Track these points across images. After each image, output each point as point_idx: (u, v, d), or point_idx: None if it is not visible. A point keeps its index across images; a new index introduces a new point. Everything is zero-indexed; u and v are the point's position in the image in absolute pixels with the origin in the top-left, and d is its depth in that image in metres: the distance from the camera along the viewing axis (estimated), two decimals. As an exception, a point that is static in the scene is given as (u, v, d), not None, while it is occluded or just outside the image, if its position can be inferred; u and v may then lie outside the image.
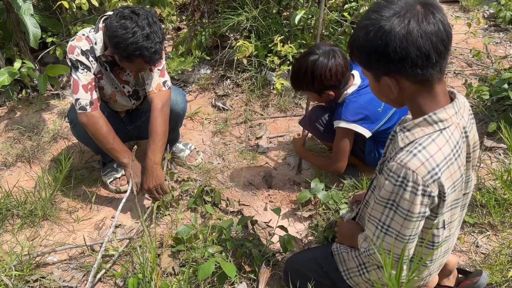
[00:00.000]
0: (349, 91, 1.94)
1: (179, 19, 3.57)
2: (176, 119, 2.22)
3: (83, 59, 1.88)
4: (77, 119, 1.95)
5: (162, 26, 1.82)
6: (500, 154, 2.35)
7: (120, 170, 2.27)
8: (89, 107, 1.90)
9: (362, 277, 1.35)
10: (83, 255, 1.89)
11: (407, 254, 1.14)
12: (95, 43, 1.88)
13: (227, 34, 3.21)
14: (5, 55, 2.93)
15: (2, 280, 1.64)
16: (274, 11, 3.12)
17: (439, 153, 1.02)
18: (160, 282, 1.57)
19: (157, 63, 1.91)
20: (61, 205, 2.16)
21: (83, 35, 1.89)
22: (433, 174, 1.01)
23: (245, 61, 2.88)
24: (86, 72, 1.89)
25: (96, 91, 1.93)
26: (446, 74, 3.08)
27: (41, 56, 2.99)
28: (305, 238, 1.95)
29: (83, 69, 1.89)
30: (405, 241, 1.09)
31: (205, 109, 2.92)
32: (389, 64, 1.01)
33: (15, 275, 1.69)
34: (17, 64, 2.63)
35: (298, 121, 2.37)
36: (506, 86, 2.48)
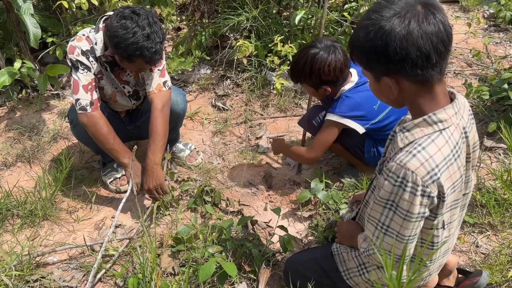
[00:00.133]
0: (345, 87, 1.95)
1: (179, 19, 3.57)
2: (176, 119, 2.22)
3: (83, 59, 1.87)
4: (77, 120, 1.94)
5: (162, 26, 1.82)
6: (500, 154, 2.35)
7: (120, 170, 2.27)
8: (89, 107, 1.90)
9: (362, 277, 1.36)
10: (83, 255, 1.89)
11: (407, 254, 1.14)
12: (95, 44, 1.88)
13: (227, 34, 3.21)
14: (5, 55, 2.93)
15: (2, 280, 1.64)
16: (274, 11, 3.12)
17: (438, 153, 1.02)
18: (160, 282, 1.57)
19: (158, 63, 1.91)
20: (61, 205, 2.16)
21: (83, 35, 1.89)
22: (432, 175, 1.01)
23: (245, 61, 2.88)
24: (87, 72, 1.89)
25: (96, 91, 1.93)
26: (446, 74, 3.08)
27: (41, 56, 2.99)
28: (305, 238, 1.95)
29: (83, 70, 1.88)
30: (404, 242, 1.09)
31: (205, 109, 2.92)
32: (389, 64, 1.00)
33: (15, 275, 1.69)
34: (17, 64, 2.63)
35: (297, 121, 2.37)
36: (506, 86, 2.48)
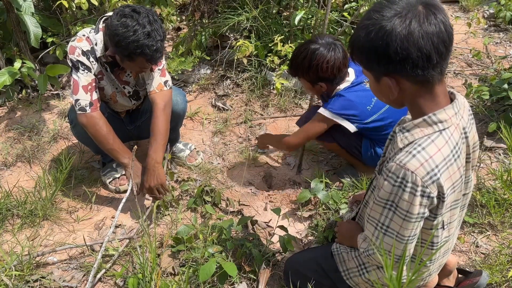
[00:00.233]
0: (341, 86, 1.95)
1: (179, 19, 3.57)
2: (176, 119, 2.22)
3: (83, 59, 1.87)
4: (77, 120, 1.95)
5: (162, 24, 1.82)
6: (500, 154, 2.35)
7: (119, 170, 2.27)
8: (89, 108, 1.90)
9: (362, 277, 1.36)
10: (83, 255, 1.89)
11: (407, 254, 1.14)
12: (96, 44, 1.88)
13: (227, 34, 3.21)
14: (5, 55, 2.93)
15: (2, 280, 1.64)
16: (274, 11, 3.12)
17: (438, 154, 1.02)
18: (160, 282, 1.57)
19: (159, 61, 1.91)
20: (61, 205, 2.16)
21: (84, 35, 1.89)
22: (432, 175, 1.01)
23: (245, 61, 2.88)
24: (87, 73, 1.89)
25: (96, 92, 1.93)
26: (446, 74, 3.08)
27: (41, 56, 2.99)
28: (305, 238, 1.95)
29: (83, 70, 1.88)
30: (404, 242, 1.09)
31: (205, 109, 2.92)
32: (390, 64, 1.00)
33: (15, 275, 1.69)
34: (17, 64, 2.62)
35: (296, 121, 2.37)
36: (506, 86, 2.48)
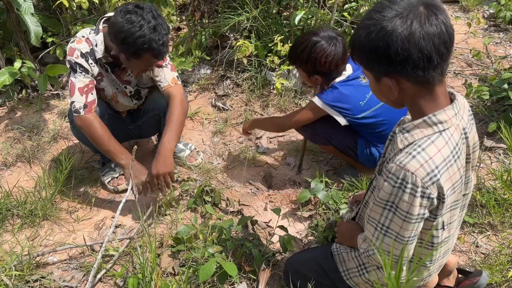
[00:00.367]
0: (337, 80, 1.97)
1: (179, 19, 3.57)
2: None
3: (82, 61, 1.87)
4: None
5: (165, 19, 1.83)
6: (500, 154, 2.35)
7: (118, 169, 2.27)
8: (83, 110, 1.89)
9: (362, 277, 1.36)
10: (83, 255, 1.89)
11: (407, 255, 1.14)
12: (96, 45, 1.87)
13: (227, 34, 3.21)
14: (5, 55, 2.93)
15: (2, 280, 1.64)
16: (274, 11, 3.12)
17: (438, 155, 1.02)
18: (160, 282, 1.57)
19: (165, 56, 1.91)
20: (61, 205, 2.16)
21: (83, 37, 1.89)
22: (432, 176, 1.01)
23: (245, 61, 2.88)
24: (84, 75, 1.89)
25: (92, 93, 1.92)
26: (446, 74, 3.08)
27: (41, 56, 2.99)
28: (305, 238, 1.95)
29: (81, 72, 1.88)
30: (404, 243, 1.09)
31: (205, 109, 2.92)
32: (390, 65, 1.00)
33: (15, 275, 1.69)
34: (17, 64, 2.62)
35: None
36: (506, 86, 2.48)
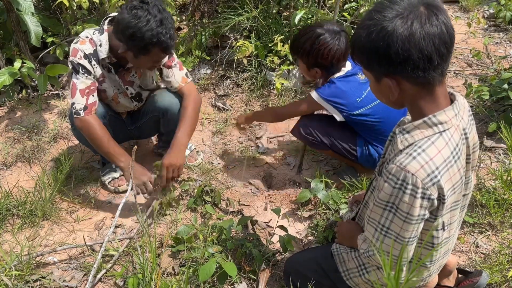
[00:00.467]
0: (335, 76, 1.98)
1: (179, 19, 3.57)
2: (177, 119, 2.21)
3: (85, 63, 1.87)
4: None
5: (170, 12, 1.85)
6: (500, 154, 2.35)
7: (118, 170, 2.27)
8: (83, 111, 1.89)
9: (362, 277, 1.36)
10: (83, 255, 1.89)
11: (407, 256, 1.14)
12: (100, 45, 1.87)
13: (227, 34, 3.21)
14: (5, 55, 2.93)
15: (2, 280, 1.64)
16: (274, 11, 3.12)
17: (438, 156, 1.02)
18: (160, 282, 1.57)
19: (173, 49, 1.92)
20: (61, 205, 2.16)
21: (87, 37, 1.89)
22: (432, 177, 1.01)
23: (245, 61, 2.88)
24: (86, 76, 1.89)
25: (93, 95, 1.92)
26: (446, 74, 3.08)
27: (41, 56, 2.99)
28: (305, 238, 1.95)
29: (83, 73, 1.88)
30: (404, 243, 1.09)
31: (205, 109, 2.92)
32: (391, 65, 1.00)
33: (15, 275, 1.69)
34: (17, 64, 2.63)
35: (297, 121, 2.36)
36: (506, 86, 2.48)
